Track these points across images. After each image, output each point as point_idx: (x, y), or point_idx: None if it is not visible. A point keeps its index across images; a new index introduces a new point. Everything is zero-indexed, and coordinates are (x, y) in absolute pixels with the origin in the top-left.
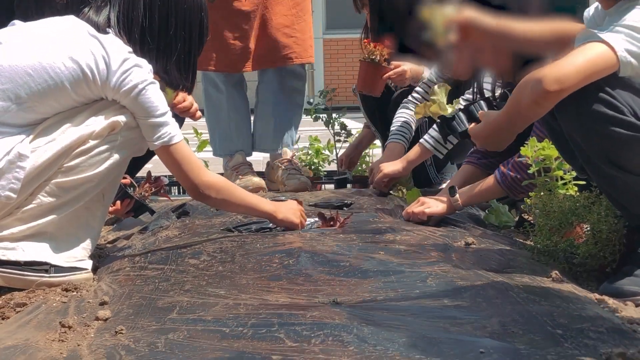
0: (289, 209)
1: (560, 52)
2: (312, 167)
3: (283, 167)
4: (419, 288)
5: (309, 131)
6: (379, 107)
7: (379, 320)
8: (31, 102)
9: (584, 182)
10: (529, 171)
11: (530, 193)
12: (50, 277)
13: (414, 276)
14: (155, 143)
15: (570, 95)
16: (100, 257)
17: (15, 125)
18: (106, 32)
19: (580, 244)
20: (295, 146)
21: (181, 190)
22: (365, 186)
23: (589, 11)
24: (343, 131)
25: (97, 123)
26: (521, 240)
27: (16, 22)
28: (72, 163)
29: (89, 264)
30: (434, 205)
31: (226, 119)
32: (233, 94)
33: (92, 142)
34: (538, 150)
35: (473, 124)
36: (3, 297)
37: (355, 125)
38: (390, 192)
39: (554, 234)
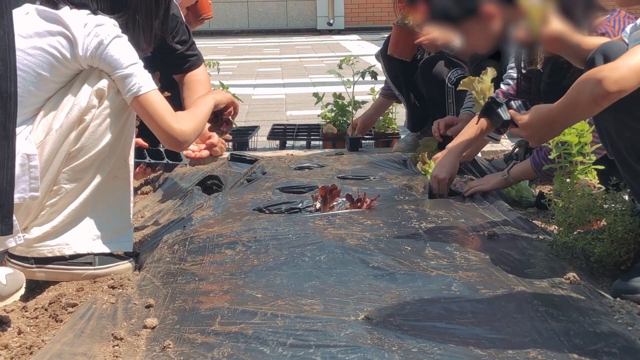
0: (218, 93)
1: None
2: (337, 123)
3: None
4: (444, 296)
5: (332, 88)
6: (402, 71)
7: (407, 343)
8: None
9: (603, 167)
10: (549, 156)
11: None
12: (94, 269)
13: (439, 281)
14: (127, 96)
15: None
16: (140, 241)
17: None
18: (59, 7)
19: (597, 244)
20: (319, 103)
21: None
22: (389, 145)
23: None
24: (372, 79)
25: (82, 99)
26: (540, 225)
27: None
28: (78, 145)
29: (131, 235)
30: (488, 181)
31: None
32: None
33: (87, 119)
34: (559, 135)
35: (522, 116)
36: (53, 292)
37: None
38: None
39: (573, 229)
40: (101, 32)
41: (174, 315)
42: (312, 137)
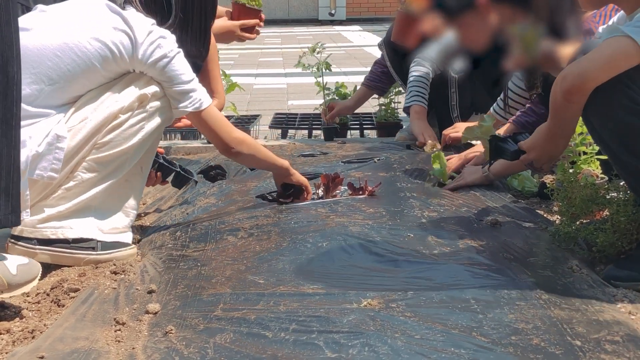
0: (300, 173)
1: None
2: None
3: None
4: (447, 283)
5: (334, 78)
6: (405, 59)
7: (410, 329)
8: (62, 83)
9: (606, 157)
10: None
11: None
12: (97, 254)
13: (442, 268)
14: (188, 109)
15: None
16: (142, 227)
17: (50, 107)
18: (125, 8)
19: (600, 234)
20: (321, 93)
21: None
22: (391, 134)
23: (611, 22)
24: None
25: (125, 98)
26: (543, 215)
27: (39, 6)
28: (107, 138)
29: (130, 237)
30: (467, 176)
31: None
32: None
33: (122, 117)
34: None
35: (526, 141)
36: (55, 277)
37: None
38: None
39: (575, 220)
40: (165, 44)
41: (176, 301)
42: (313, 127)
